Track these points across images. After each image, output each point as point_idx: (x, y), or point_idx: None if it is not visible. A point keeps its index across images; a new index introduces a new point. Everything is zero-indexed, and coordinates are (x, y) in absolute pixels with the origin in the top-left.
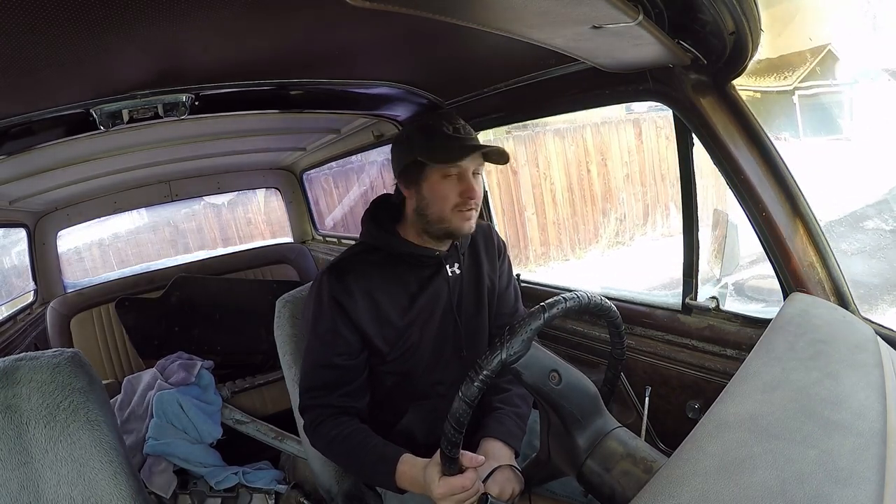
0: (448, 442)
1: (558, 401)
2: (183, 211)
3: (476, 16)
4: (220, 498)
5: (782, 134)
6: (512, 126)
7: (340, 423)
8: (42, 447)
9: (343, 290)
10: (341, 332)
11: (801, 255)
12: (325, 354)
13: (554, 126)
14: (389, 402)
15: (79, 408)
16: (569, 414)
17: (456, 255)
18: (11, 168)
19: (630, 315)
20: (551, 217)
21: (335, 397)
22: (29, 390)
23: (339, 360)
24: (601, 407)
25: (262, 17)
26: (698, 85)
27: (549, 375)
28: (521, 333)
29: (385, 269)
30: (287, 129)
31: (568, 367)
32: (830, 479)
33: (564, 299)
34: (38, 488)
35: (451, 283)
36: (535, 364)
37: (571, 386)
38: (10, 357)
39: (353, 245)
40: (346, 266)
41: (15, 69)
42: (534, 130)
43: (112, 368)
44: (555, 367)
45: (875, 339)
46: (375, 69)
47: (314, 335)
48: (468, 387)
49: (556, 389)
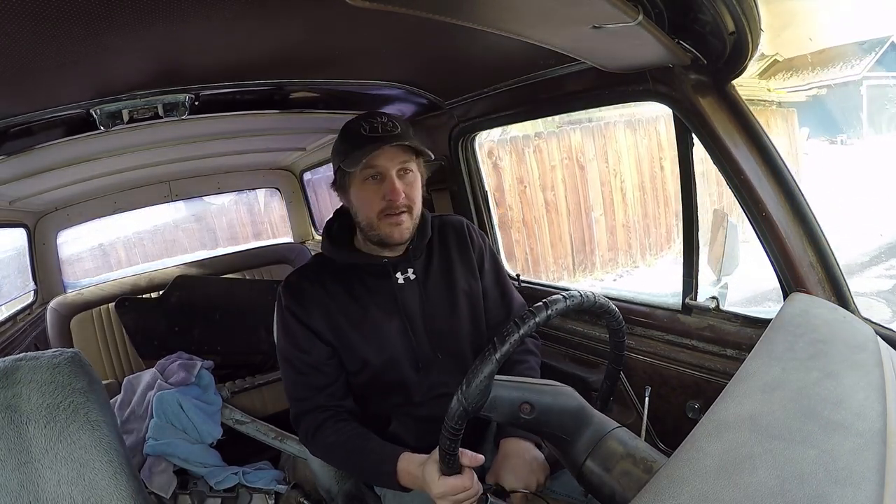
0: (446, 441)
1: (539, 428)
2: (213, 206)
3: (476, 16)
4: (220, 498)
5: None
6: (577, 115)
7: (337, 429)
8: (42, 447)
9: (298, 304)
10: (308, 342)
11: (801, 255)
12: (300, 361)
13: (625, 116)
14: (372, 411)
15: (79, 408)
16: (552, 436)
17: (408, 261)
18: (11, 168)
19: (630, 315)
20: (621, 219)
21: (323, 397)
22: (29, 390)
23: (314, 363)
24: (589, 416)
25: (262, 17)
26: (698, 85)
27: (521, 408)
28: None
29: (337, 281)
30: (287, 129)
31: (540, 391)
32: (830, 479)
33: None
34: (38, 488)
35: (407, 290)
36: (503, 404)
37: (546, 411)
38: (10, 357)
39: (312, 257)
40: (299, 280)
41: (15, 69)
42: (603, 122)
43: (112, 368)
44: (524, 400)
45: (875, 339)
46: (375, 69)
47: (285, 346)
48: (466, 390)
49: (531, 419)
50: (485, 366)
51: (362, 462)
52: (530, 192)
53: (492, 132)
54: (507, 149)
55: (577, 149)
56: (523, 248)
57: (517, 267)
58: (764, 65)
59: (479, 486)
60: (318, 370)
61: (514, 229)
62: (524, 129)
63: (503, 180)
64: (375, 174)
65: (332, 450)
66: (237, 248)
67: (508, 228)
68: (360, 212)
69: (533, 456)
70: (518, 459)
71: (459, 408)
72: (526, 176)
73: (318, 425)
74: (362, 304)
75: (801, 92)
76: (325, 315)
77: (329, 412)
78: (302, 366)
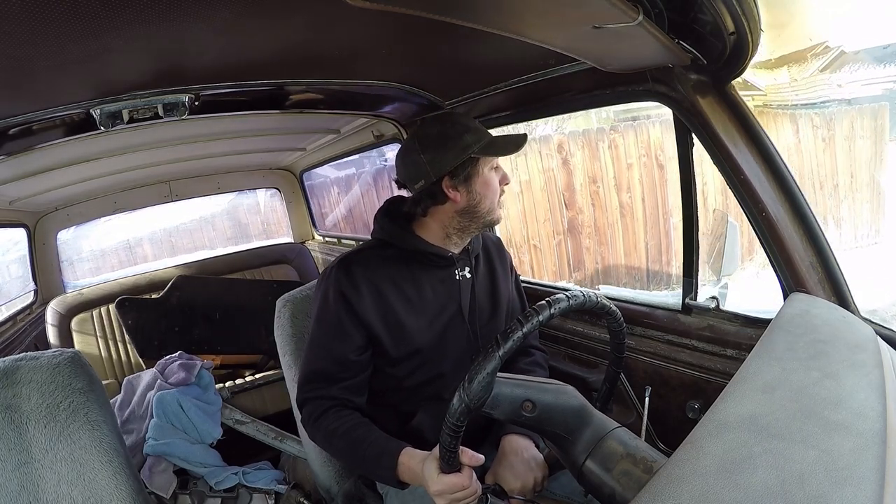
0: (447, 438)
1: (540, 426)
2: (246, 202)
3: (476, 16)
4: (220, 498)
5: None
6: (651, 107)
7: (341, 416)
8: (42, 447)
9: (350, 284)
10: (346, 328)
11: (801, 255)
12: (328, 346)
13: None
14: (399, 402)
15: (79, 408)
16: (553, 435)
17: (467, 259)
18: (11, 168)
19: (630, 315)
20: (702, 226)
21: (336, 389)
22: (29, 390)
23: (343, 353)
24: (589, 415)
25: (262, 17)
26: (698, 85)
27: (523, 406)
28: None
29: (396, 266)
30: (287, 129)
31: (542, 389)
32: (830, 479)
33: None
34: (38, 488)
35: (462, 286)
36: (505, 401)
37: (548, 409)
38: (10, 357)
39: (367, 241)
40: (356, 259)
41: (15, 69)
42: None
43: (112, 368)
44: (526, 398)
45: (875, 339)
46: (375, 69)
47: (318, 326)
48: (468, 386)
49: (532, 417)
50: (488, 362)
51: (363, 452)
52: (604, 193)
53: (562, 123)
54: (578, 142)
55: (656, 145)
56: (594, 257)
57: (585, 278)
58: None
59: (477, 486)
60: (341, 363)
61: (585, 235)
62: (599, 118)
63: (573, 178)
64: (497, 165)
65: (332, 436)
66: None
67: (578, 234)
68: (485, 198)
69: (532, 455)
70: (516, 457)
71: (461, 404)
72: (599, 174)
73: (324, 410)
74: (423, 292)
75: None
76: (378, 300)
77: (337, 402)
78: (327, 353)
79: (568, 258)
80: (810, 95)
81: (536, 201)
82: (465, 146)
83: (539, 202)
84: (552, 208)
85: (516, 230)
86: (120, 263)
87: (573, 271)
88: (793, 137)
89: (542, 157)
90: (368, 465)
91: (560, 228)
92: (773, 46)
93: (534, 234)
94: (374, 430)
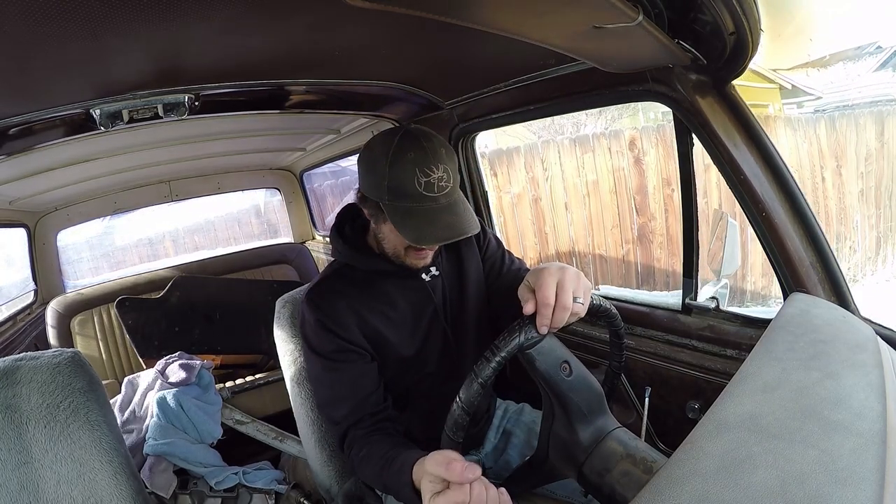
0: (447, 439)
1: (567, 392)
2: (277, 199)
3: (476, 16)
4: (220, 498)
5: None
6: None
7: (369, 442)
8: (42, 447)
9: (326, 313)
10: (345, 355)
11: (801, 255)
12: (338, 382)
13: (786, 109)
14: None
15: (79, 408)
16: (575, 407)
17: (434, 262)
18: (11, 168)
19: (630, 315)
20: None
21: (368, 407)
22: (29, 390)
23: (352, 377)
24: (605, 406)
25: (262, 18)
26: (698, 85)
27: (561, 366)
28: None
29: (363, 285)
30: (287, 129)
31: (579, 362)
32: (830, 479)
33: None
34: (38, 488)
35: (433, 286)
36: (550, 353)
37: (581, 379)
38: (10, 357)
39: (328, 265)
40: (322, 289)
41: (15, 69)
42: (763, 115)
43: (112, 368)
44: (567, 359)
45: (875, 339)
46: (375, 69)
47: (319, 365)
48: (469, 386)
49: (566, 380)
50: (484, 369)
51: (387, 473)
52: (678, 198)
53: (635, 117)
54: (651, 139)
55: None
56: (664, 268)
57: (652, 291)
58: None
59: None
60: (355, 383)
61: (657, 244)
62: (656, 115)
63: (646, 181)
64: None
65: (361, 465)
66: (237, 249)
67: (649, 243)
68: (387, 243)
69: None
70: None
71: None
72: (674, 176)
73: (355, 440)
74: (397, 305)
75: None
76: (360, 324)
77: (367, 424)
78: (338, 385)
79: (637, 269)
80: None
81: (604, 204)
82: (379, 184)
83: (607, 206)
84: (622, 214)
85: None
86: (120, 263)
87: (641, 284)
88: (875, 141)
89: (611, 155)
90: (391, 485)
91: (630, 236)
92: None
93: (600, 242)
94: (393, 449)
